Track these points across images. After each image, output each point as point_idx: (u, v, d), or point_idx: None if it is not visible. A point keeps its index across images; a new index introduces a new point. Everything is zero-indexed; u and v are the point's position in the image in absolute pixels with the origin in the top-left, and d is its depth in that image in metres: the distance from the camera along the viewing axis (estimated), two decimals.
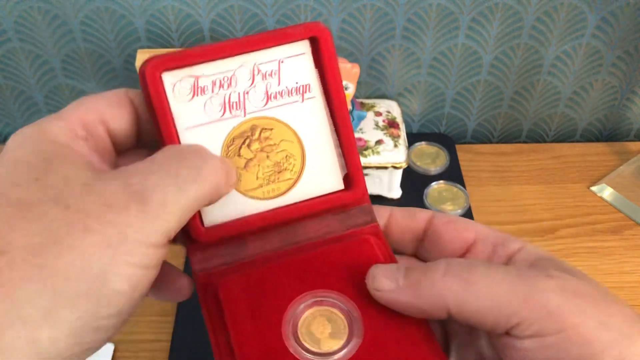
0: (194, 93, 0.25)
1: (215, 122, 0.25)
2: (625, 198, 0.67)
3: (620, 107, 0.77)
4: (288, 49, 0.26)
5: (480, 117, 0.77)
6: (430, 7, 0.65)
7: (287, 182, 0.27)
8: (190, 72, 0.25)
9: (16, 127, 0.76)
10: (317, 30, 0.25)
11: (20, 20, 0.66)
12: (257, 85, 0.26)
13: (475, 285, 0.22)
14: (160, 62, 0.24)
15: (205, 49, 0.25)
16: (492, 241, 0.26)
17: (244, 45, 0.25)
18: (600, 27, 0.68)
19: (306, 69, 0.26)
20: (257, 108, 0.26)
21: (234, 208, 0.26)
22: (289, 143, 0.26)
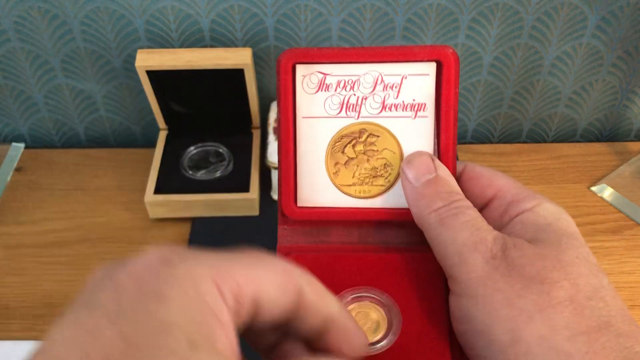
0: (319, 88, 0.27)
1: (330, 117, 0.28)
2: (626, 198, 0.67)
3: (621, 107, 0.77)
4: (414, 67, 0.27)
5: (480, 117, 0.77)
6: (430, 7, 0.65)
7: (379, 187, 0.29)
8: (320, 69, 0.27)
9: (16, 127, 0.76)
10: (444, 55, 0.27)
11: (20, 20, 0.65)
12: (377, 93, 0.27)
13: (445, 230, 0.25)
14: (296, 54, 0.27)
15: (338, 51, 0.27)
16: (508, 199, 0.26)
17: (375, 55, 0.27)
18: (601, 27, 0.68)
19: (426, 89, 0.27)
20: (371, 114, 0.28)
21: (325, 197, 0.29)
22: (390, 153, 0.28)
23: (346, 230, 0.29)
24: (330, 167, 0.28)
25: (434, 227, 0.25)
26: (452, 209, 0.25)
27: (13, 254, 0.62)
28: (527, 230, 0.25)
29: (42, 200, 0.67)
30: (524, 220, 0.25)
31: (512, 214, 0.26)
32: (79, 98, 0.73)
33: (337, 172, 0.28)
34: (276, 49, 0.69)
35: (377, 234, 0.29)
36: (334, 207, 0.29)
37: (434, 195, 0.26)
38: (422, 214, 0.26)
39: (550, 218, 0.25)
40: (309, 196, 0.29)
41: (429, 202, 0.26)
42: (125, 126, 0.76)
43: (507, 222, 0.26)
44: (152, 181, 0.64)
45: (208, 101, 0.69)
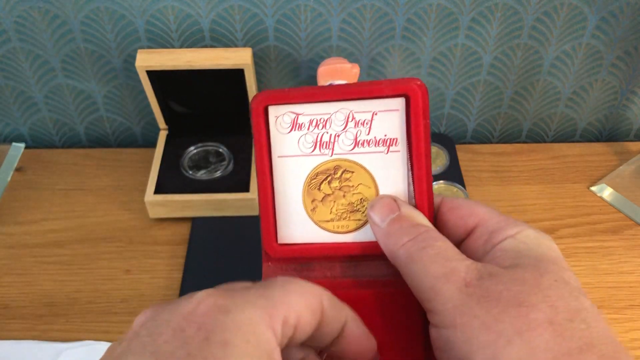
0: (292, 127, 0.28)
1: (305, 155, 0.28)
2: (625, 198, 0.67)
3: (620, 107, 0.77)
4: (383, 103, 0.28)
5: (480, 117, 0.77)
6: (430, 7, 0.65)
7: (356, 222, 0.29)
8: (292, 109, 0.28)
9: (16, 127, 0.76)
10: (410, 90, 0.27)
11: (20, 20, 0.66)
12: (349, 130, 0.28)
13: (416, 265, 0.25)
14: (267, 97, 0.28)
15: (308, 91, 0.28)
16: (491, 227, 0.26)
17: (344, 93, 0.27)
18: (600, 27, 0.68)
19: (396, 124, 0.28)
20: (344, 151, 0.28)
21: (304, 233, 0.29)
22: (366, 188, 0.29)
23: (329, 264, 0.29)
24: (308, 203, 0.29)
25: (404, 263, 0.26)
26: (419, 242, 0.26)
27: (13, 254, 0.62)
28: (507, 257, 0.25)
29: (42, 200, 0.67)
30: (505, 247, 0.25)
31: (495, 241, 0.26)
32: (79, 98, 0.73)
33: (314, 208, 0.29)
34: (276, 49, 0.69)
35: (359, 267, 0.29)
36: (314, 242, 0.29)
37: (399, 231, 0.26)
38: (392, 251, 0.26)
39: (531, 244, 0.25)
40: (289, 233, 0.29)
41: (395, 239, 0.26)
42: (125, 126, 0.76)
43: (489, 250, 0.26)
44: (152, 181, 0.64)
45: (208, 101, 0.69)
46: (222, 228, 0.64)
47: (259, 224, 0.29)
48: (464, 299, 0.23)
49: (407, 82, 0.27)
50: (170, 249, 0.62)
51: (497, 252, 0.25)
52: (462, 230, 0.27)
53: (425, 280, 0.24)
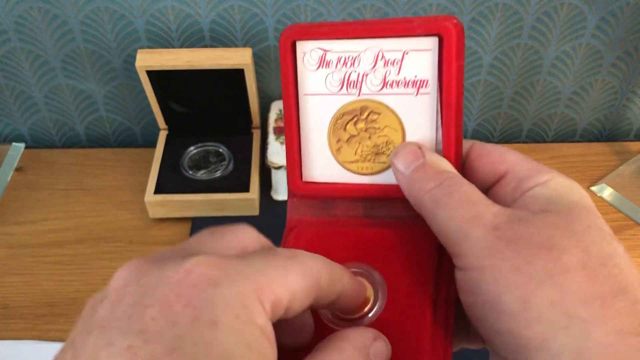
0: (319, 64, 0.27)
1: (331, 94, 0.28)
2: (625, 198, 0.67)
3: (620, 107, 0.77)
4: (415, 42, 0.26)
5: (480, 117, 0.77)
6: (429, 7, 0.65)
7: (381, 164, 0.28)
8: (320, 45, 0.27)
9: (16, 127, 0.76)
10: (444, 29, 0.25)
11: (20, 20, 0.66)
12: (378, 70, 0.27)
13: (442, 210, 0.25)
14: (296, 31, 0.27)
15: (338, 27, 0.27)
16: (521, 174, 0.26)
17: (374, 30, 0.26)
18: (600, 27, 0.68)
19: (428, 65, 0.27)
20: (372, 91, 0.27)
21: (328, 173, 0.29)
22: (392, 130, 0.28)
23: (352, 204, 0.29)
24: (333, 143, 0.29)
25: (429, 209, 0.25)
26: (445, 188, 0.25)
27: (13, 254, 0.62)
28: (538, 204, 0.24)
29: (42, 200, 0.67)
30: (535, 194, 0.25)
31: (525, 188, 0.25)
32: (79, 98, 0.73)
33: (339, 148, 0.29)
34: (276, 49, 0.69)
35: (382, 208, 0.29)
36: (337, 182, 0.29)
37: (424, 179, 0.26)
38: (417, 198, 0.26)
39: (562, 191, 0.25)
40: (313, 172, 0.29)
41: (420, 185, 0.26)
42: (125, 126, 0.76)
43: (518, 197, 0.25)
44: (152, 181, 0.64)
45: (208, 101, 0.69)
46: None
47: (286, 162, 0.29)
48: (493, 241, 0.23)
49: (442, 20, 0.26)
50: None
51: (527, 198, 0.25)
52: (491, 177, 0.27)
53: (452, 224, 0.24)
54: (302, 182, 0.29)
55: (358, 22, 0.27)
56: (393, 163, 0.27)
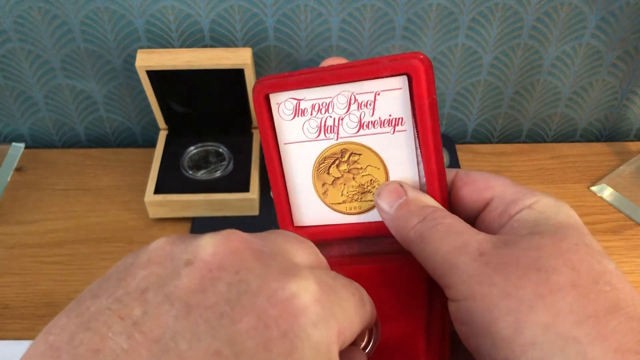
0: (295, 114, 0.28)
1: (310, 141, 0.28)
2: (625, 198, 0.67)
3: (620, 107, 0.77)
4: (385, 82, 0.27)
5: (480, 117, 0.77)
6: (430, 7, 0.65)
7: (369, 202, 0.29)
8: (293, 95, 0.27)
9: (16, 127, 0.76)
10: (411, 67, 0.26)
11: (20, 20, 0.65)
12: (352, 113, 0.27)
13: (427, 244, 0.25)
14: (268, 85, 0.27)
15: (309, 76, 0.27)
16: (507, 199, 0.26)
17: (345, 76, 0.27)
18: (600, 27, 0.68)
19: (400, 103, 0.27)
20: (349, 134, 0.28)
21: (319, 216, 0.29)
22: (375, 169, 0.28)
23: (346, 244, 0.30)
24: (319, 187, 0.29)
25: (416, 244, 0.25)
26: (429, 222, 0.25)
27: (13, 254, 0.62)
28: (524, 227, 0.24)
29: (42, 200, 0.67)
30: (522, 217, 0.25)
31: (511, 212, 0.25)
32: (79, 98, 0.73)
33: (325, 191, 0.29)
34: (276, 49, 0.69)
35: (375, 244, 0.29)
36: (328, 224, 0.29)
37: (407, 215, 0.26)
38: (402, 235, 0.26)
39: (549, 212, 0.24)
40: (303, 217, 0.30)
41: (404, 222, 0.26)
42: (125, 126, 0.76)
43: (506, 222, 0.25)
44: (152, 181, 0.64)
45: (208, 101, 0.69)
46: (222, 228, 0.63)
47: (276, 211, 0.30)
48: (480, 268, 0.23)
49: (409, 58, 0.26)
50: None
51: (514, 223, 0.25)
52: (478, 204, 0.27)
53: (438, 256, 0.24)
54: (294, 227, 0.30)
55: (327, 68, 0.27)
56: (377, 203, 0.28)
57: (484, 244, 0.23)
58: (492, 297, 0.22)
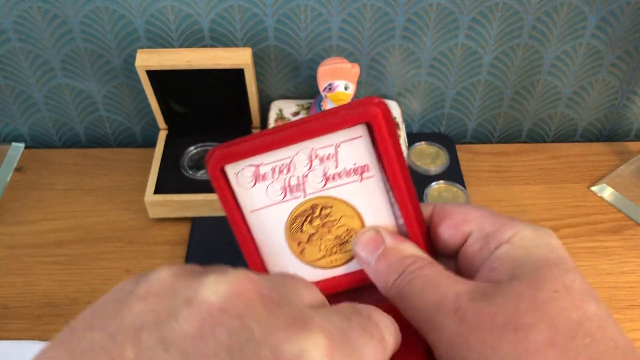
0: (255, 180, 0.26)
1: (277, 204, 0.27)
2: (626, 198, 0.67)
3: (621, 107, 0.77)
4: (344, 133, 0.26)
5: (480, 117, 0.77)
6: (430, 7, 0.65)
7: (348, 253, 0.28)
8: (250, 162, 0.26)
9: (16, 127, 0.76)
10: (370, 116, 0.25)
11: (19, 20, 0.65)
12: (315, 168, 0.26)
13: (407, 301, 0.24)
14: (222, 156, 0.26)
15: (263, 141, 0.26)
16: (485, 230, 0.25)
17: (301, 135, 0.26)
18: (601, 27, 0.68)
19: (363, 151, 0.26)
20: (316, 189, 0.27)
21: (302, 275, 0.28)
22: (349, 218, 0.27)
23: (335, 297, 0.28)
24: (294, 248, 0.28)
25: (398, 301, 0.24)
26: (406, 277, 0.24)
27: (13, 254, 0.62)
28: (505, 269, 0.23)
29: (42, 200, 0.67)
30: (501, 255, 0.24)
31: (491, 247, 0.24)
32: (79, 98, 0.73)
33: (302, 250, 0.28)
34: (276, 48, 0.69)
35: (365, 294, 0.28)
36: (313, 281, 0.28)
37: (387, 269, 0.25)
38: (385, 292, 0.25)
39: (529, 247, 0.23)
40: None
41: (385, 278, 0.25)
42: (125, 126, 0.76)
43: (486, 258, 0.24)
44: (152, 181, 0.64)
45: (208, 101, 0.69)
46: (222, 228, 0.63)
47: None
48: (457, 327, 0.22)
49: (364, 106, 0.25)
50: (170, 249, 0.62)
51: (495, 262, 0.24)
52: (457, 239, 0.26)
53: (418, 313, 0.23)
54: None
55: (280, 129, 0.26)
56: (356, 254, 0.27)
57: (461, 296, 0.22)
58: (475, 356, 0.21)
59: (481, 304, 0.22)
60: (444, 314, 0.22)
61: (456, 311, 0.22)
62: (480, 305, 0.22)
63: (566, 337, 0.20)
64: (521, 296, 0.22)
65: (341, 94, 0.63)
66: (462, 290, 0.23)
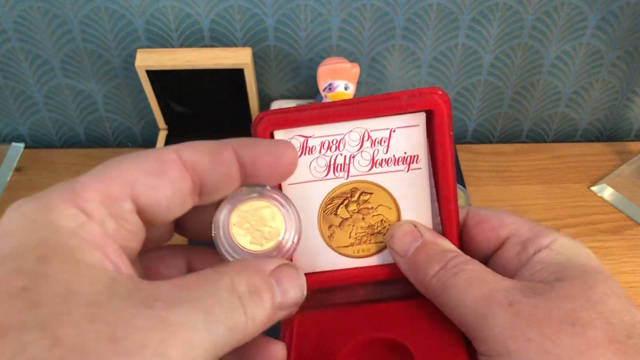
0: (302, 152, 0.26)
1: (317, 181, 0.26)
2: (626, 198, 0.67)
3: (621, 107, 0.77)
4: (402, 119, 0.25)
5: (480, 117, 0.77)
6: (430, 6, 0.65)
7: (378, 244, 0.27)
8: (301, 132, 0.25)
9: (16, 127, 0.76)
10: (434, 104, 0.24)
11: (19, 20, 0.65)
12: (365, 150, 0.26)
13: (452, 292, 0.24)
14: (273, 121, 0.25)
15: (319, 113, 0.25)
16: (523, 237, 0.25)
17: (359, 113, 0.25)
18: (601, 27, 0.68)
19: (417, 140, 0.26)
20: (360, 172, 0.26)
21: (323, 261, 0.27)
22: (386, 209, 0.27)
23: (351, 289, 0.28)
24: (325, 230, 0.27)
25: (438, 293, 0.24)
26: (451, 269, 0.24)
27: None
28: (548, 271, 0.23)
29: None
30: (542, 259, 0.24)
31: (530, 252, 0.24)
32: (79, 98, 0.73)
33: (331, 234, 0.27)
34: (276, 48, 0.69)
35: (383, 290, 0.27)
36: (333, 270, 0.27)
37: (427, 261, 0.25)
38: (423, 283, 0.25)
39: (569, 254, 0.24)
40: (306, 263, 0.27)
41: (424, 269, 0.25)
42: (125, 126, 0.76)
43: (525, 262, 0.24)
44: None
45: (208, 101, 0.69)
46: None
47: None
48: (512, 320, 0.21)
49: (428, 94, 0.24)
50: None
51: (535, 265, 0.24)
52: (492, 244, 0.26)
53: (465, 306, 0.23)
54: None
55: (339, 103, 0.25)
56: (390, 246, 0.26)
57: (512, 292, 0.22)
58: (529, 354, 0.21)
59: (535, 300, 0.22)
60: (497, 307, 0.22)
61: (510, 304, 0.22)
62: (534, 301, 0.22)
63: (623, 336, 0.21)
64: (575, 295, 0.22)
65: (341, 93, 0.63)
66: (511, 286, 0.23)
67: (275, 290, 0.21)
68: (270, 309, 0.20)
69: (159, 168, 0.20)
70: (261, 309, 0.20)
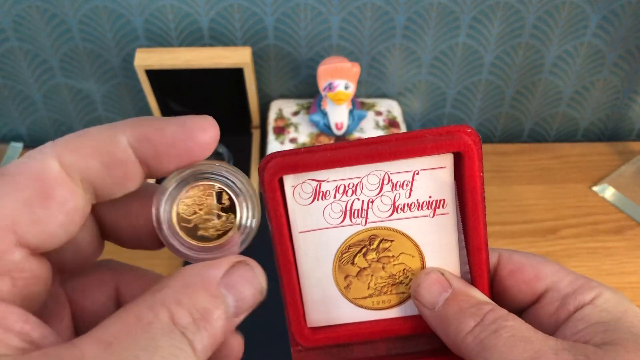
0: (314, 197, 0.23)
1: (332, 227, 0.24)
2: (627, 198, 0.67)
3: (622, 107, 0.76)
4: (426, 160, 0.23)
5: (481, 116, 0.76)
6: (430, 6, 0.65)
7: (400, 295, 0.25)
8: (314, 176, 0.23)
9: (15, 126, 0.76)
10: (464, 145, 0.22)
11: (18, 20, 0.65)
12: (385, 194, 0.24)
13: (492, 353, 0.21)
14: (281, 166, 0.23)
15: (333, 155, 0.22)
16: (562, 291, 0.23)
17: (378, 155, 0.22)
18: (602, 27, 0.68)
19: (444, 183, 0.23)
20: (380, 218, 0.24)
21: (339, 314, 0.25)
22: (409, 257, 0.25)
23: (371, 343, 0.25)
24: (340, 281, 0.25)
25: (475, 353, 0.22)
26: (489, 326, 0.22)
27: None
28: (595, 331, 0.22)
29: None
30: (586, 316, 0.22)
31: (570, 308, 0.23)
32: (78, 97, 0.73)
33: (348, 285, 0.25)
34: (276, 47, 0.68)
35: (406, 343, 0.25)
36: (350, 323, 0.25)
37: (460, 315, 0.23)
38: (455, 340, 0.22)
39: (615, 311, 0.22)
40: (319, 316, 0.25)
41: (458, 325, 0.22)
42: None
43: (565, 319, 0.23)
44: (151, 181, 0.64)
45: (208, 100, 0.68)
46: None
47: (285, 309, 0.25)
48: None
49: (457, 134, 0.22)
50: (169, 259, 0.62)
51: (578, 323, 0.22)
52: (528, 297, 0.24)
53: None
54: (308, 329, 0.25)
55: (356, 144, 0.23)
56: (416, 298, 0.24)
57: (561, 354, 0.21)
58: None
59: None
60: None
61: None
62: None
63: None
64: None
65: (341, 93, 0.62)
66: (558, 347, 0.21)
67: (228, 300, 0.19)
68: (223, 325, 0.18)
69: (41, 193, 0.17)
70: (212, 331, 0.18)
